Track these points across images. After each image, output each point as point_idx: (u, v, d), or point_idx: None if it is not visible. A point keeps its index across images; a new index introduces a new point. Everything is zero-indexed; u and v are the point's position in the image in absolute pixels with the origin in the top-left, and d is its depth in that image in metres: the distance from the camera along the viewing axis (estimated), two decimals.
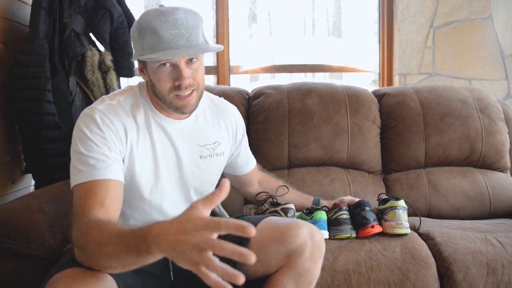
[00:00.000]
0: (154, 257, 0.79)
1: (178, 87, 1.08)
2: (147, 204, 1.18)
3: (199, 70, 1.11)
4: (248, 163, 1.46)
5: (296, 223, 1.12)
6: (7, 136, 1.95)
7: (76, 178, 1.04)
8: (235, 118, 1.34)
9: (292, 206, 1.40)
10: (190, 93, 1.10)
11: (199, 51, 1.07)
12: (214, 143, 1.26)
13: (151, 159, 1.16)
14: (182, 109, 1.12)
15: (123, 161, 1.11)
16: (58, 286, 0.88)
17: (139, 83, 1.21)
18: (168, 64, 1.07)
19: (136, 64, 2.19)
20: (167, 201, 1.20)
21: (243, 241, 1.12)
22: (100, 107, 1.11)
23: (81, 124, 1.08)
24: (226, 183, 0.76)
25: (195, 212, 0.74)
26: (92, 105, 1.13)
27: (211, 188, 1.31)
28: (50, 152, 1.90)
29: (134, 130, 1.13)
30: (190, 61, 1.09)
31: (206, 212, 0.76)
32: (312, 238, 1.10)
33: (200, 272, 0.70)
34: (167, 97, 1.10)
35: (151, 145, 1.16)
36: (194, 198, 1.25)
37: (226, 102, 1.37)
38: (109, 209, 1.01)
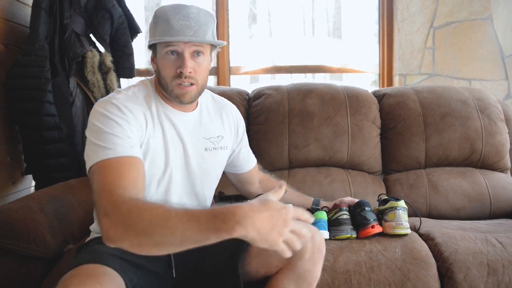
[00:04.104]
0: (231, 236, 0.85)
1: (180, 75, 1.11)
2: (154, 194, 1.18)
3: (202, 65, 1.14)
4: (249, 161, 1.47)
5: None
6: (7, 136, 1.95)
7: (100, 155, 1.00)
8: (236, 115, 1.38)
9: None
10: (190, 85, 1.13)
11: (200, 40, 1.11)
12: (218, 136, 1.29)
13: (162, 149, 1.17)
14: (181, 97, 1.14)
15: (140, 146, 1.11)
16: (72, 283, 0.88)
17: (149, 77, 1.25)
18: (175, 53, 1.12)
19: (136, 65, 2.21)
20: (173, 191, 1.21)
21: (244, 241, 1.12)
22: (118, 97, 1.11)
23: (100, 109, 1.07)
24: (284, 185, 0.96)
25: (273, 200, 0.90)
26: (107, 96, 1.12)
27: (215, 181, 1.33)
28: (50, 152, 1.90)
29: (150, 120, 1.15)
30: (196, 54, 1.13)
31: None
32: (312, 240, 1.10)
33: (279, 247, 0.88)
34: (169, 84, 1.13)
35: (162, 135, 1.17)
36: (199, 189, 1.26)
37: (227, 100, 1.40)
38: (140, 189, 1.00)
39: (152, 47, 1.17)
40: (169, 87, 1.13)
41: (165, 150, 1.17)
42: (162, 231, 0.86)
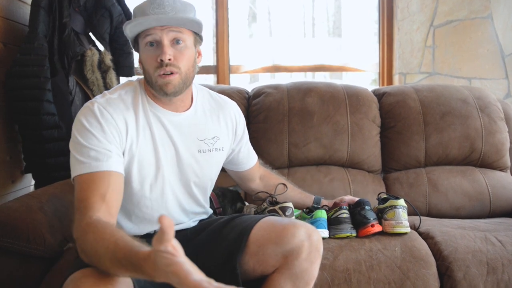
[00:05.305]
0: (151, 279, 0.80)
1: (161, 64, 1.10)
2: (148, 199, 1.18)
3: (184, 53, 1.13)
4: (249, 159, 1.46)
5: (293, 224, 1.11)
6: (7, 135, 1.95)
7: (76, 168, 1.04)
8: (235, 114, 1.35)
9: (290, 204, 1.39)
10: (172, 73, 1.11)
11: (172, 21, 1.10)
12: (213, 137, 1.26)
13: (152, 153, 1.16)
14: (164, 87, 1.12)
15: (123, 154, 1.11)
16: (83, 284, 0.88)
17: (138, 78, 1.23)
18: (154, 44, 1.11)
19: (135, 63, 2.21)
20: (168, 195, 1.20)
21: (241, 241, 1.12)
22: (100, 101, 1.12)
23: (81, 117, 1.09)
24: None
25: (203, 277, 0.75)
26: (93, 99, 1.14)
27: (210, 183, 1.32)
28: (50, 151, 1.90)
29: (134, 124, 1.13)
30: (176, 42, 1.12)
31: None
32: (310, 238, 1.09)
33: None
34: (153, 76, 1.12)
35: (151, 138, 1.16)
36: (195, 192, 1.26)
37: (226, 98, 1.37)
38: (110, 203, 1.01)
39: (136, 47, 1.17)
40: (152, 79, 1.12)
41: (155, 153, 1.16)
42: (103, 262, 0.88)
